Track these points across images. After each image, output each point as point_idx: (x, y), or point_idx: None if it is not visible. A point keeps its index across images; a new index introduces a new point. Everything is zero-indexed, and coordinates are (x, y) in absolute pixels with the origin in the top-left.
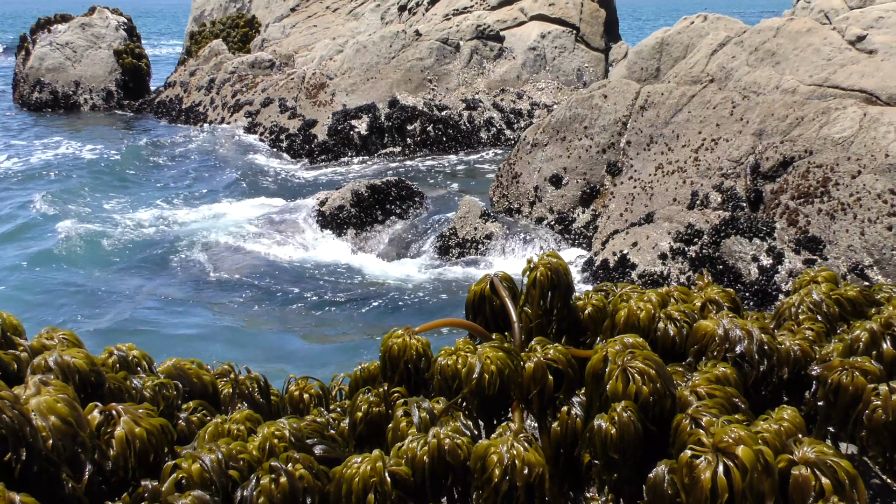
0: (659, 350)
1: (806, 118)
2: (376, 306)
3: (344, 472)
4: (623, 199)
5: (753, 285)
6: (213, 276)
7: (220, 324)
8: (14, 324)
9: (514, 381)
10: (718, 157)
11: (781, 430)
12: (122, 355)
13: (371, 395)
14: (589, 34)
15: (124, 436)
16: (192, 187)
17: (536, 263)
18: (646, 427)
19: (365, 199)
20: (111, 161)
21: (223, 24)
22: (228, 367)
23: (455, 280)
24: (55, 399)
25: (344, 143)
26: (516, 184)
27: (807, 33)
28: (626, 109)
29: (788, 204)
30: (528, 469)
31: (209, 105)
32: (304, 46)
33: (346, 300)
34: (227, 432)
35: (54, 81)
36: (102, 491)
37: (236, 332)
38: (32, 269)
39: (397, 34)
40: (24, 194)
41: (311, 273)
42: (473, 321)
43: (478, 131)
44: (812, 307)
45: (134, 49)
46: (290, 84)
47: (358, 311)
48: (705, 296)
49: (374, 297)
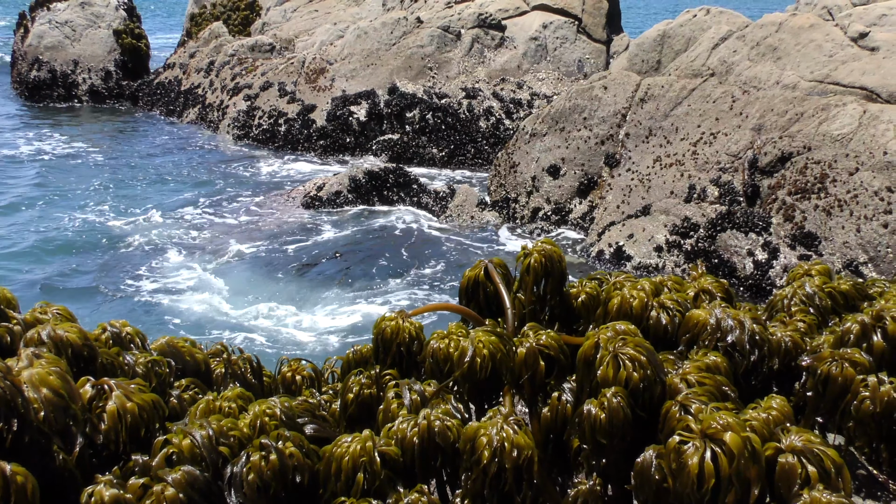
0: (651, 338)
1: (805, 114)
2: (370, 291)
3: (334, 451)
4: (620, 191)
5: (748, 279)
6: (207, 261)
7: (215, 305)
8: (8, 297)
9: (505, 365)
10: (717, 151)
11: (770, 419)
12: (116, 331)
13: (363, 376)
14: (591, 25)
15: (116, 410)
16: (185, 175)
17: (531, 250)
18: (635, 413)
19: (362, 185)
20: (98, 150)
21: (224, 7)
22: (221, 346)
23: (449, 265)
24: (47, 371)
25: (342, 128)
26: (514, 173)
27: (809, 29)
28: (625, 101)
29: (785, 199)
30: (517, 451)
31: (208, 87)
32: (305, 31)
33: (340, 285)
34: (218, 409)
35: (53, 60)
36: (93, 464)
37: (231, 314)
38: (33, 255)
39: (398, 21)
40: (17, 181)
41: (304, 257)
42: (467, 306)
43: (477, 120)
44: (804, 299)
45: (134, 29)
46: (289, 68)
47: (351, 296)
48: (698, 286)
49: (367, 281)
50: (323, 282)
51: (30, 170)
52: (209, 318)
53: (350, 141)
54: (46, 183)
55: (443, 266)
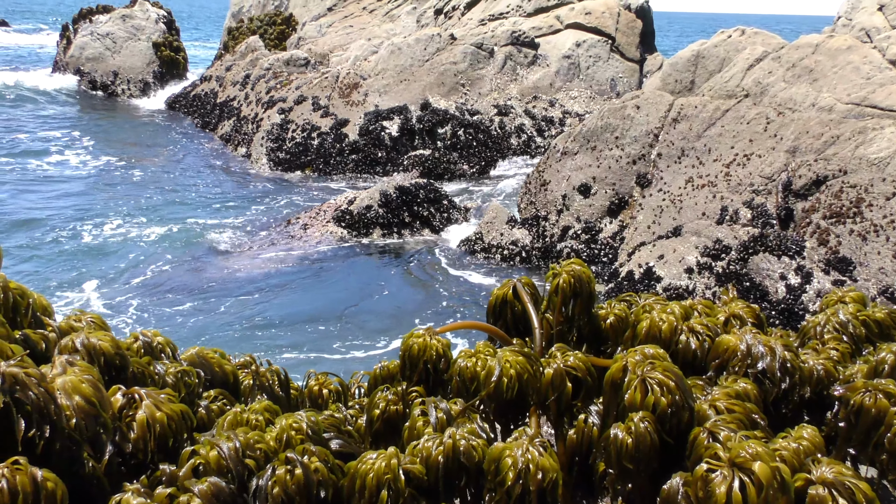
0: (679, 362)
1: (842, 137)
2: (398, 306)
3: (359, 468)
4: (651, 212)
5: (780, 304)
6: (236, 273)
7: (242, 317)
8: (44, 304)
9: (532, 386)
10: (750, 173)
11: (800, 449)
12: (147, 341)
13: (389, 393)
14: (624, 44)
15: (145, 419)
16: (217, 187)
17: (559, 270)
18: (662, 438)
19: (393, 199)
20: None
21: (261, 21)
22: (250, 358)
23: (478, 283)
24: (80, 379)
25: (375, 143)
26: (544, 191)
27: (847, 51)
28: (658, 121)
29: (820, 223)
30: (541, 474)
31: (243, 100)
32: (340, 46)
33: (369, 299)
34: (245, 422)
35: (93, 70)
36: (121, 472)
37: (257, 326)
38: (65, 259)
39: (432, 37)
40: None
41: (335, 271)
42: (495, 325)
43: (508, 137)
44: (838, 327)
45: (172, 42)
46: (323, 83)
47: (379, 310)
48: (729, 310)
49: (396, 296)
50: (350, 295)
51: (62, 179)
52: (236, 329)
53: (382, 156)
54: (83, 191)
55: (470, 285)
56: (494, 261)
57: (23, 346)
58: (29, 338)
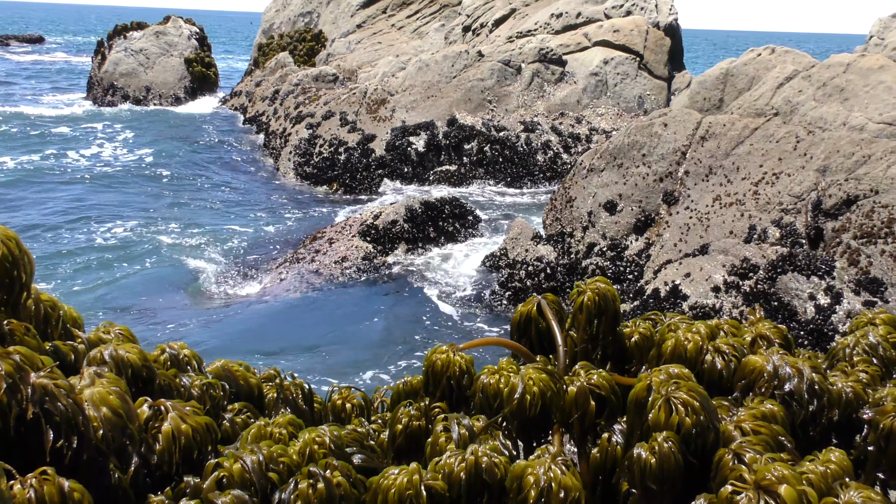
0: (705, 383)
1: (873, 157)
2: (422, 321)
3: (381, 483)
4: (678, 229)
5: (809, 324)
6: (261, 286)
7: (265, 330)
8: (74, 316)
9: (555, 404)
10: (779, 192)
11: (828, 473)
12: (174, 353)
13: (412, 408)
14: (652, 62)
15: (171, 431)
16: (245, 201)
17: (584, 288)
18: (686, 459)
19: (418, 215)
20: (164, 172)
21: (290, 38)
22: (274, 372)
23: (502, 300)
24: (108, 391)
25: (401, 158)
26: (570, 208)
27: (879, 70)
28: (685, 139)
29: (850, 243)
30: (564, 493)
31: (272, 115)
32: (368, 62)
33: (393, 314)
34: (269, 435)
35: (126, 86)
36: (147, 484)
37: (279, 340)
38: (90, 268)
39: (460, 54)
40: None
41: (359, 286)
42: (518, 341)
43: (534, 154)
44: (868, 349)
45: (204, 58)
46: (351, 98)
47: (403, 326)
48: (756, 331)
49: (420, 312)
50: (373, 310)
51: (88, 185)
52: (258, 343)
53: (408, 171)
54: (110, 201)
55: (493, 302)
56: (518, 277)
57: (53, 358)
58: (59, 349)
